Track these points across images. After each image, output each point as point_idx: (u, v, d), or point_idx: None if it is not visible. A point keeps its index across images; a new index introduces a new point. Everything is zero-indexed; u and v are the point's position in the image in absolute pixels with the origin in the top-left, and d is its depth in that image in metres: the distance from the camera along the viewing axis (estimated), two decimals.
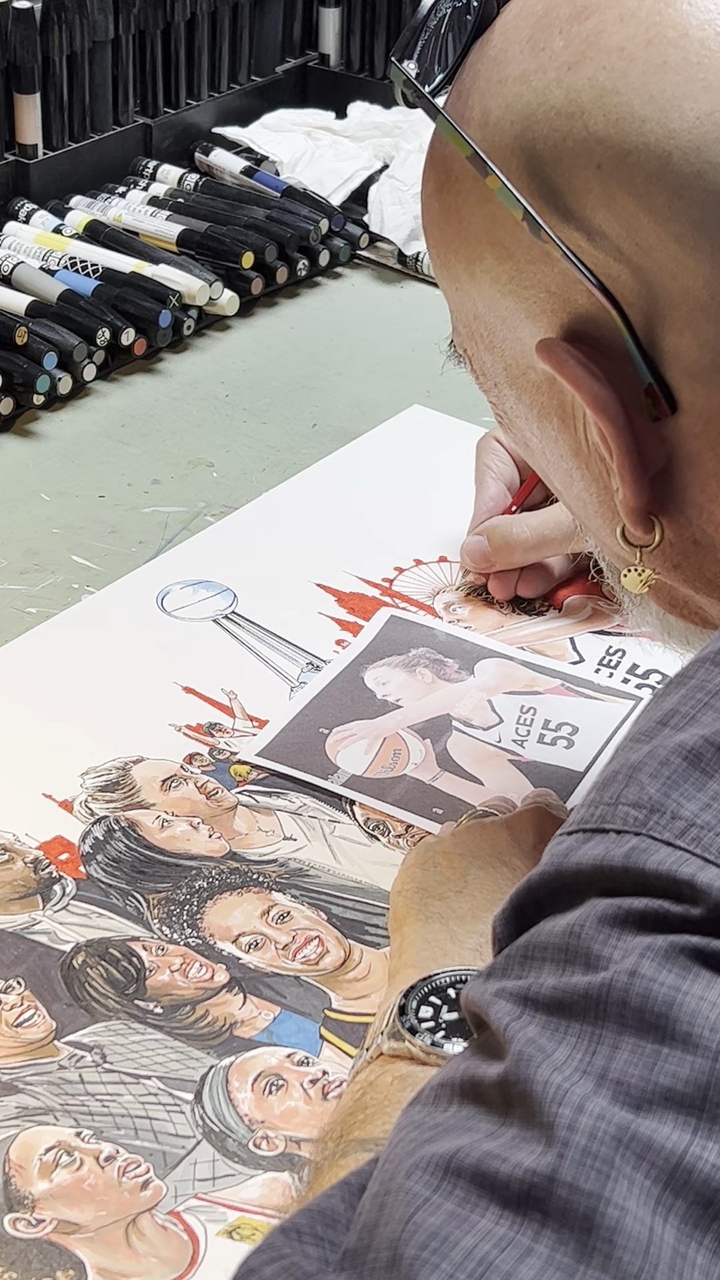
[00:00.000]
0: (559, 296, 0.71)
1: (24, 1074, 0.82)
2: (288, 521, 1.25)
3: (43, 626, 1.13)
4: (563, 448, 0.75)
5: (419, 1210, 0.50)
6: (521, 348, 0.74)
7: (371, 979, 0.88)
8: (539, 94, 0.69)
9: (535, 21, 0.71)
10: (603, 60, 0.68)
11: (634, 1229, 0.48)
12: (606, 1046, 0.51)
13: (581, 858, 0.55)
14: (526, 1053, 0.51)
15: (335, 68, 1.85)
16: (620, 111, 0.67)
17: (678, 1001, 0.51)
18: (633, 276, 0.68)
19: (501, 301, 0.73)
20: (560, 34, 0.69)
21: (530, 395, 0.75)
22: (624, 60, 0.67)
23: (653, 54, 0.67)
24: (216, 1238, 0.75)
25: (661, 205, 0.66)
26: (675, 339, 0.68)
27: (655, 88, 0.66)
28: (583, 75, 0.68)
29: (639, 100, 0.67)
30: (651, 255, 0.67)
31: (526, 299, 0.72)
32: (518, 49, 0.71)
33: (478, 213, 0.73)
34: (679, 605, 0.78)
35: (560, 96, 0.68)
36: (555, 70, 0.69)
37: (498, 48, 0.72)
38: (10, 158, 1.60)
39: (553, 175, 0.69)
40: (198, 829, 0.97)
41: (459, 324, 0.78)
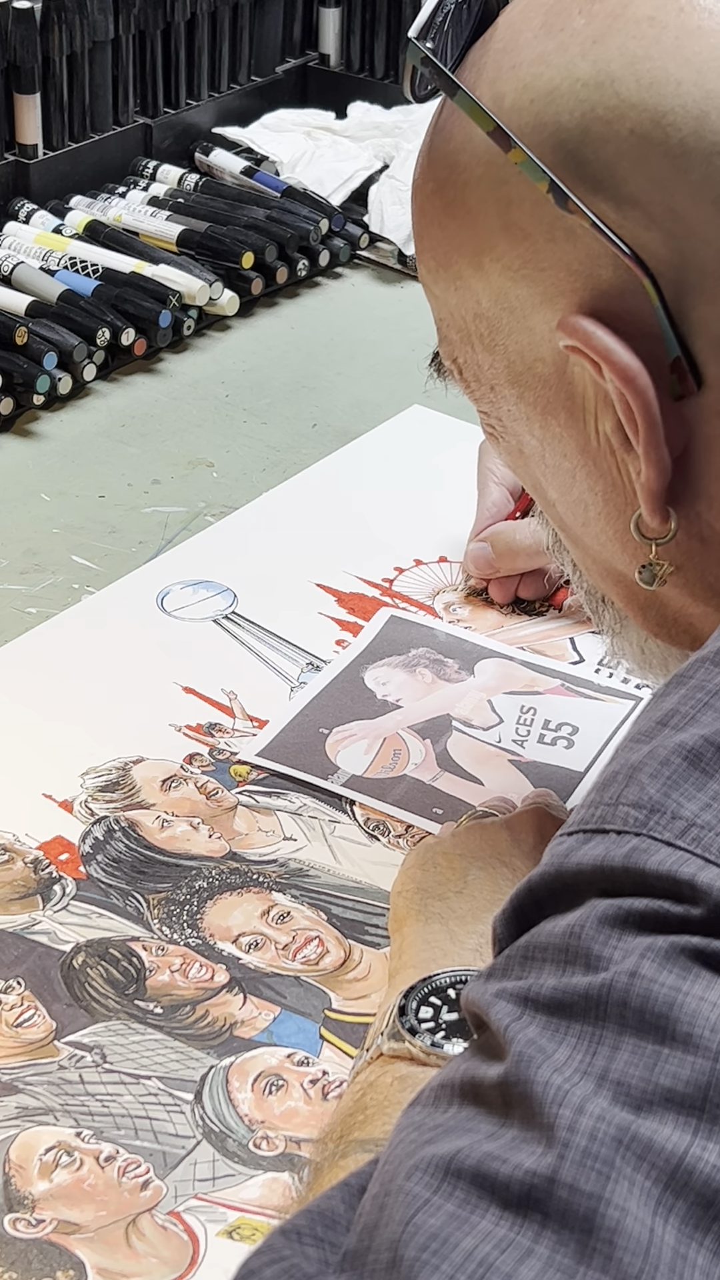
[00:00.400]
0: (580, 274, 0.70)
1: (24, 1074, 0.82)
2: (288, 521, 1.25)
3: (43, 626, 1.13)
4: (567, 445, 0.74)
5: (419, 1211, 0.50)
6: (530, 338, 0.73)
7: (371, 979, 0.88)
8: (561, 70, 0.69)
9: (547, 10, 0.70)
10: (632, 30, 0.67)
11: (634, 1230, 0.48)
12: (607, 1047, 0.51)
13: (582, 858, 0.55)
14: (527, 1053, 0.51)
15: (335, 68, 1.85)
16: (654, 75, 0.66)
17: (678, 1002, 0.51)
18: (664, 244, 0.67)
19: (512, 290, 0.73)
20: (580, 13, 0.69)
21: (535, 391, 0.74)
22: (655, 28, 0.67)
23: (686, 19, 0.67)
24: (216, 1238, 0.75)
25: (699, 166, 0.66)
26: (706, 309, 0.67)
27: (691, 50, 0.66)
28: (611, 46, 0.68)
29: (674, 63, 0.66)
30: (685, 221, 0.66)
31: (543, 281, 0.71)
32: (530, 36, 0.70)
33: (489, 198, 0.72)
34: (667, 624, 0.78)
35: (586, 68, 0.68)
36: (579, 45, 0.68)
37: (504, 40, 0.72)
38: (10, 158, 1.60)
39: (579, 146, 0.68)
40: (198, 829, 0.97)
41: (451, 330, 0.78)
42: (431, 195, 0.75)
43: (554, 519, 0.80)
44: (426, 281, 0.78)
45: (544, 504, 0.80)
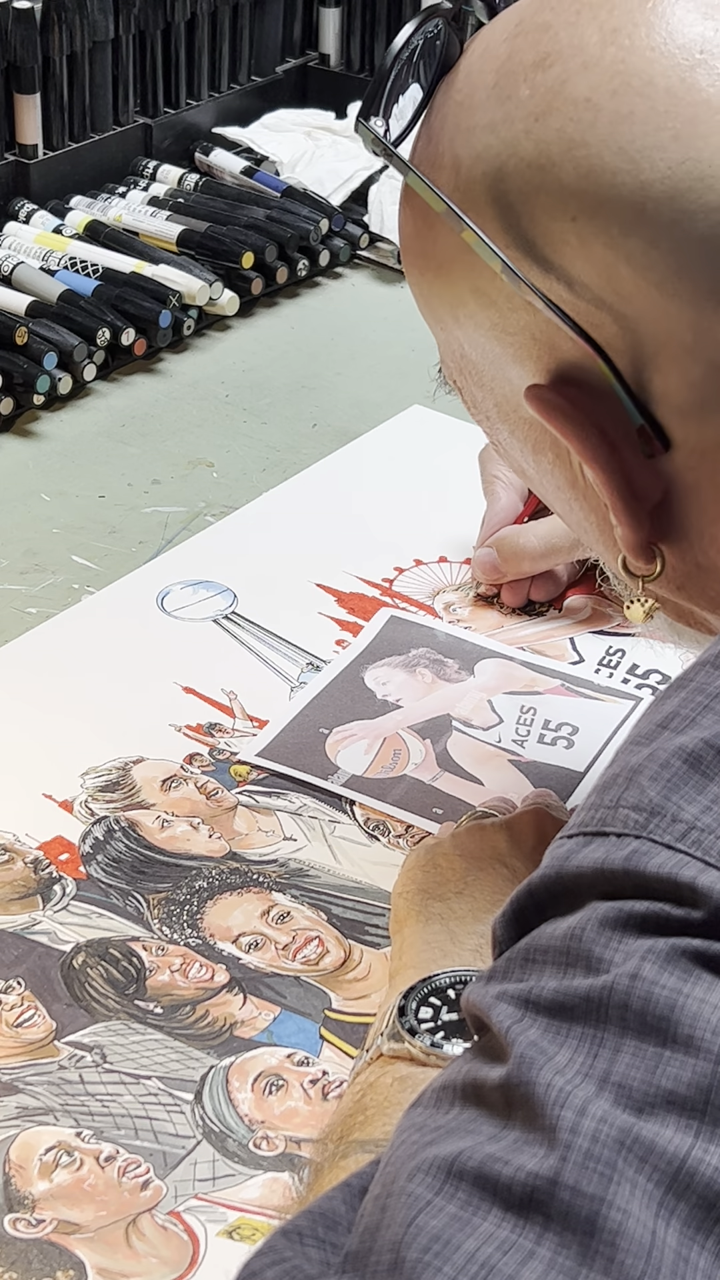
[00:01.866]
0: (543, 342, 0.70)
1: (24, 1074, 0.82)
2: (288, 521, 1.25)
3: (43, 626, 1.13)
4: (559, 479, 0.75)
5: (421, 1213, 0.50)
6: (510, 388, 0.74)
7: (371, 979, 0.88)
8: (508, 145, 0.68)
9: (499, 66, 0.70)
10: (569, 111, 0.67)
11: (636, 1232, 0.48)
12: (608, 1049, 0.51)
13: (582, 861, 0.55)
14: (528, 1055, 0.51)
15: (335, 68, 1.85)
16: (591, 164, 0.66)
17: (679, 1004, 0.51)
18: (615, 323, 0.67)
19: (487, 345, 0.73)
20: (525, 82, 0.68)
21: (523, 430, 0.75)
22: (591, 111, 0.66)
23: (619, 104, 0.66)
24: (216, 1238, 0.75)
25: (639, 255, 0.66)
26: (663, 380, 0.67)
27: (624, 139, 0.66)
28: (551, 126, 0.67)
29: (609, 152, 0.66)
30: (632, 303, 0.66)
31: (512, 344, 0.72)
32: (484, 95, 0.70)
33: (457, 262, 0.72)
34: (685, 616, 0.78)
35: (530, 148, 0.68)
36: (523, 121, 0.68)
37: (464, 92, 0.71)
38: (10, 158, 1.60)
39: (528, 227, 0.68)
40: (198, 829, 0.97)
41: (447, 358, 0.78)
42: (411, 238, 0.76)
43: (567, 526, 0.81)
44: (419, 309, 0.78)
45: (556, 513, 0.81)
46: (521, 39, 0.70)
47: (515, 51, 0.69)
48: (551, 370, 0.70)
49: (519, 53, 0.69)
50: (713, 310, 0.65)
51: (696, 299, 0.65)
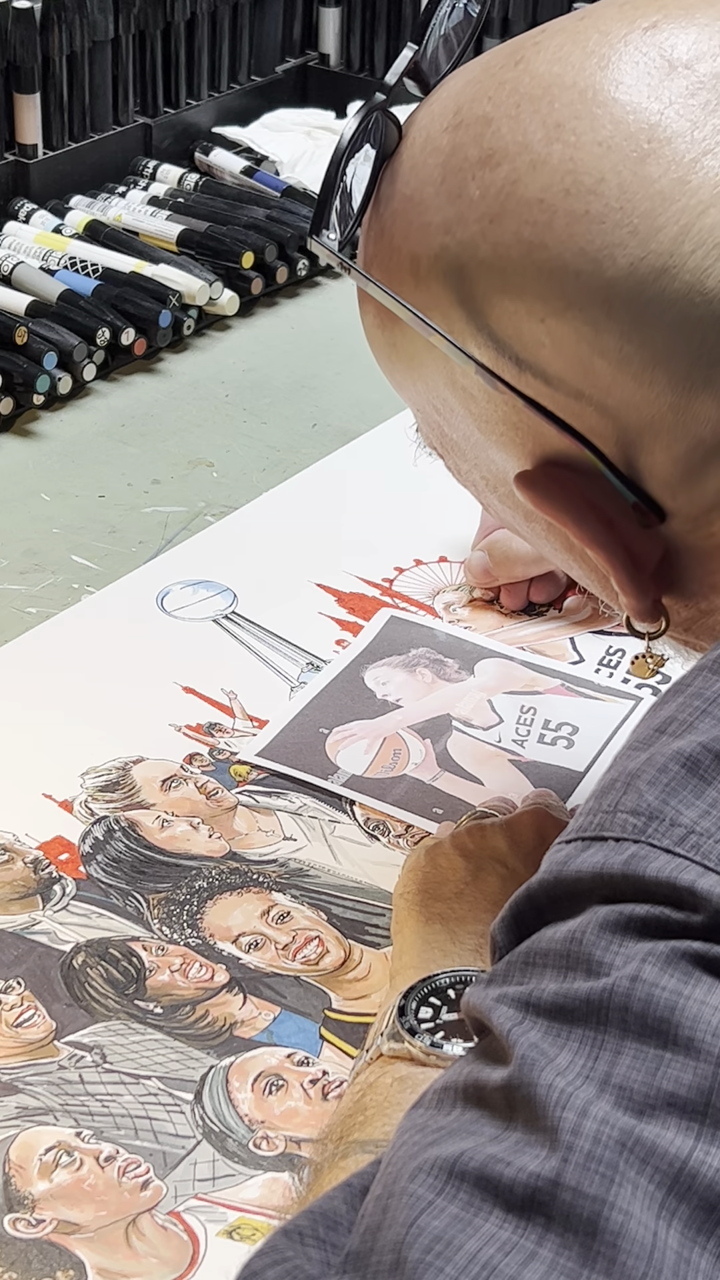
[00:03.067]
0: (527, 431, 0.70)
1: (24, 1074, 0.82)
2: (288, 521, 1.25)
3: (43, 626, 1.13)
4: (554, 544, 0.75)
5: (423, 1213, 0.50)
6: (496, 468, 0.73)
7: (371, 979, 0.88)
8: (466, 247, 0.67)
9: (444, 160, 0.69)
10: (524, 214, 0.66)
11: (638, 1234, 0.48)
12: (609, 1052, 0.51)
13: (581, 865, 0.55)
14: (530, 1057, 0.52)
15: (335, 67, 1.85)
16: (552, 266, 0.65)
17: (679, 1007, 0.51)
18: (598, 413, 0.67)
19: (469, 431, 0.73)
20: (473, 180, 0.67)
21: (513, 501, 0.74)
22: (545, 212, 0.65)
23: (573, 204, 0.65)
24: (216, 1238, 0.75)
25: (612, 349, 0.65)
26: (649, 459, 0.67)
27: (583, 239, 0.65)
28: (506, 229, 0.66)
29: (569, 253, 0.65)
30: (611, 394, 0.66)
31: (494, 433, 0.71)
32: (432, 191, 0.69)
33: (428, 357, 0.71)
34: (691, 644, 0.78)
35: (488, 251, 0.67)
36: (477, 223, 0.67)
37: (411, 186, 0.70)
38: (10, 158, 1.60)
39: (496, 329, 0.67)
40: (198, 829, 0.97)
41: (426, 431, 0.78)
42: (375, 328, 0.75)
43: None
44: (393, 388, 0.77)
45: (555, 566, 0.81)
46: (463, 132, 0.68)
47: (458, 146, 0.68)
48: (537, 455, 0.70)
49: (463, 147, 0.68)
50: (689, 391, 0.65)
51: (673, 383, 0.65)
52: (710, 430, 0.65)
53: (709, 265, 0.63)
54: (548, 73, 0.67)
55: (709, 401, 0.65)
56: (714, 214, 0.63)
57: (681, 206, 0.64)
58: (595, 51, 0.66)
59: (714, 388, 0.64)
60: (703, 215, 0.63)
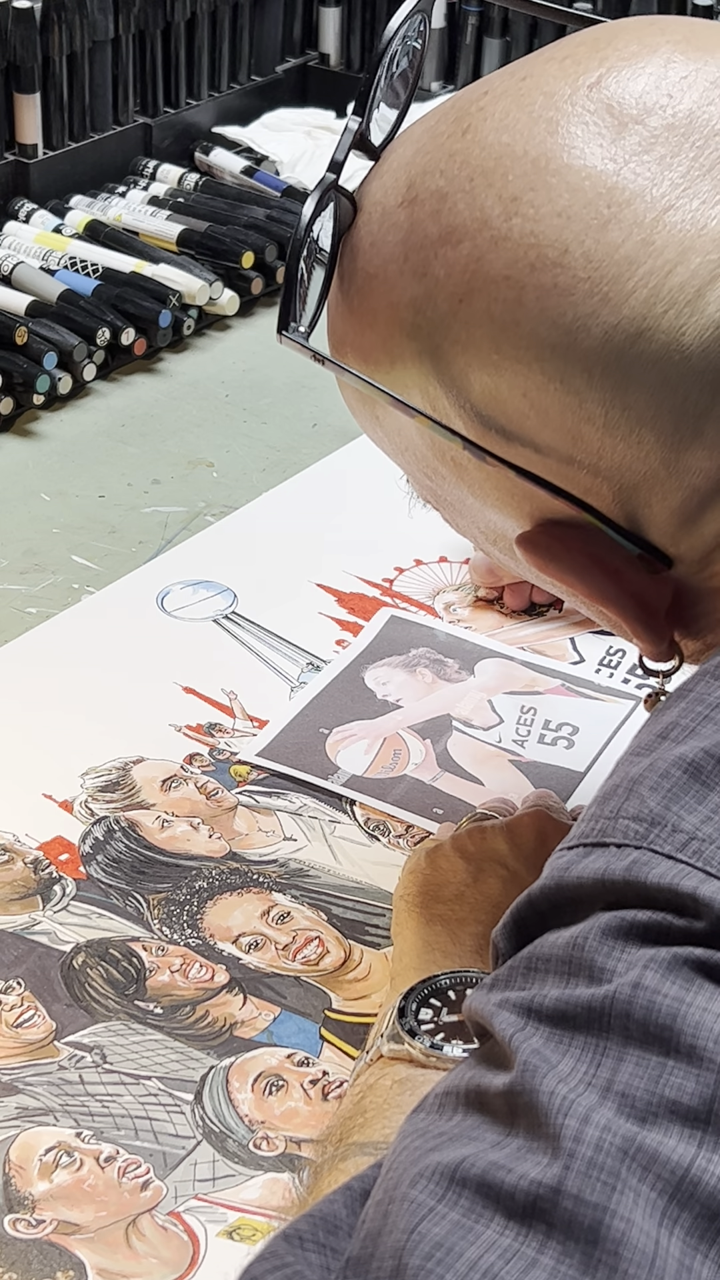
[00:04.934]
0: (522, 495, 0.69)
1: (24, 1074, 0.82)
2: (288, 521, 1.25)
3: (43, 626, 1.13)
4: (565, 590, 0.74)
5: (423, 1219, 0.50)
6: (494, 527, 0.73)
7: (371, 979, 0.88)
8: (439, 328, 0.67)
9: (404, 238, 0.68)
10: (492, 291, 0.65)
11: (639, 1241, 0.48)
12: (611, 1059, 0.51)
13: (582, 871, 0.55)
14: (531, 1063, 0.52)
15: (335, 67, 1.85)
16: (528, 342, 0.65)
17: (681, 1014, 0.51)
18: (591, 475, 0.66)
19: (464, 498, 0.73)
20: (437, 259, 0.67)
21: (516, 555, 0.73)
22: (514, 289, 0.65)
23: (540, 278, 0.64)
24: (216, 1238, 0.75)
25: (598, 416, 0.65)
26: (648, 511, 0.67)
27: (555, 312, 0.64)
28: (477, 308, 0.66)
29: (543, 328, 0.65)
30: (603, 457, 0.66)
31: (490, 499, 0.71)
32: (396, 270, 0.69)
33: (413, 431, 0.71)
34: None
35: (461, 332, 0.66)
36: (446, 302, 0.67)
37: (375, 264, 0.70)
38: (10, 157, 1.60)
39: (481, 406, 0.67)
40: (198, 829, 0.97)
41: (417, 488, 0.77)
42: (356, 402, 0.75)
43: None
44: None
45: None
46: (419, 208, 0.68)
47: (417, 222, 0.68)
48: (536, 516, 0.70)
49: (421, 224, 0.68)
50: (679, 446, 0.65)
51: (662, 441, 0.65)
52: (703, 479, 0.65)
53: (682, 324, 0.63)
54: (496, 142, 0.66)
55: (699, 453, 0.64)
56: (680, 272, 0.63)
57: (649, 269, 0.63)
58: (542, 116, 0.65)
59: (703, 439, 0.64)
60: (670, 275, 0.63)
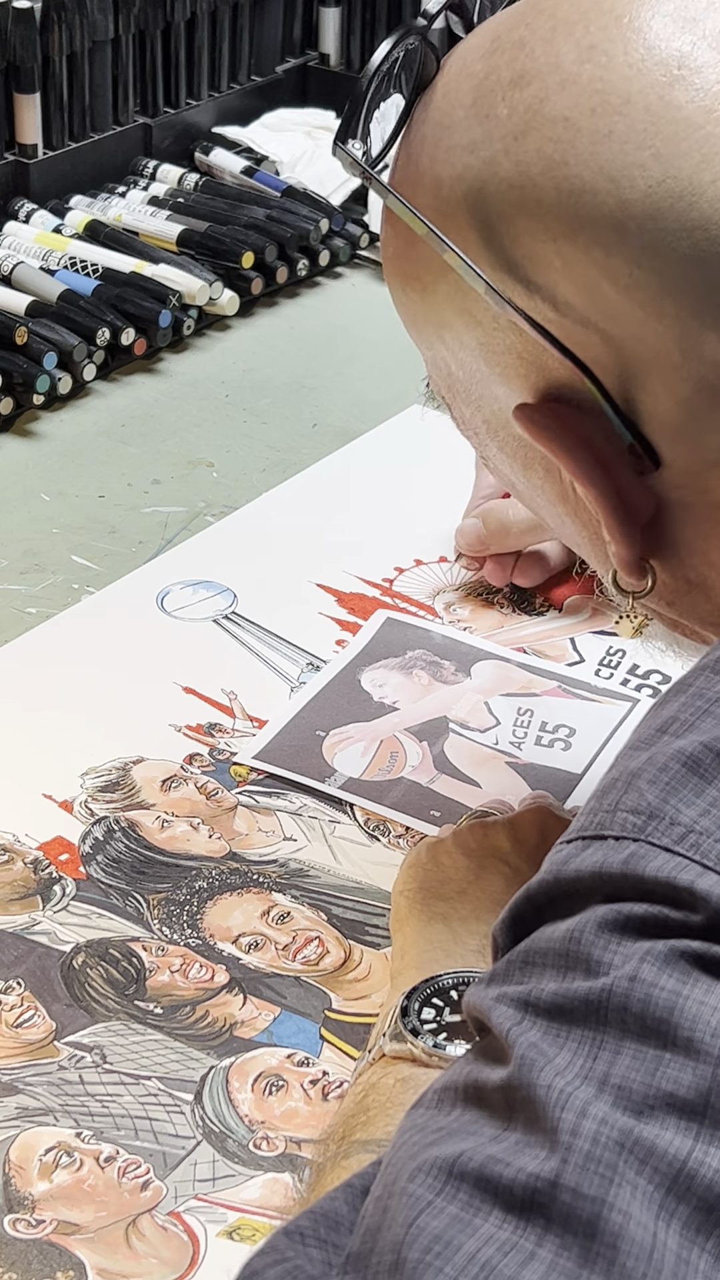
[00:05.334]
0: (531, 362, 0.70)
1: (24, 1074, 0.82)
2: (288, 521, 1.25)
3: (43, 626, 1.13)
4: (549, 495, 0.75)
5: (422, 1214, 0.50)
6: (498, 406, 0.73)
7: (372, 979, 0.88)
8: (488, 165, 0.68)
9: (477, 84, 0.69)
10: (548, 131, 0.66)
11: (637, 1234, 0.48)
12: (608, 1052, 0.51)
13: (580, 864, 0.55)
14: (529, 1057, 0.52)
15: (335, 67, 1.85)
16: (571, 184, 0.66)
17: (678, 1007, 0.51)
18: (602, 343, 0.67)
19: (474, 364, 0.73)
20: (503, 100, 0.68)
21: (512, 447, 0.75)
22: (570, 130, 0.66)
23: (598, 123, 0.65)
24: (217, 1238, 0.75)
25: (622, 274, 0.65)
26: (651, 399, 0.67)
27: (604, 158, 0.65)
28: (529, 146, 0.67)
29: (589, 172, 0.65)
30: (618, 322, 0.66)
31: (498, 364, 0.71)
32: (462, 114, 0.70)
33: (441, 282, 0.72)
34: (681, 628, 0.78)
35: (509, 168, 0.67)
36: (502, 140, 0.68)
37: (442, 110, 0.71)
38: (10, 158, 1.60)
39: (510, 248, 0.68)
40: (198, 829, 0.97)
41: (434, 375, 0.78)
42: (393, 259, 0.75)
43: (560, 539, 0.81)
44: (404, 326, 0.78)
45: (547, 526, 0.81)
46: (498, 56, 0.69)
47: (492, 70, 0.69)
48: (540, 389, 0.70)
49: (496, 70, 0.69)
50: (699, 329, 0.65)
51: (682, 317, 0.65)
52: (715, 374, 0.65)
53: None
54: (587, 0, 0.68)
55: (716, 343, 0.64)
56: None
57: (705, 134, 0.64)
58: None
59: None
60: None
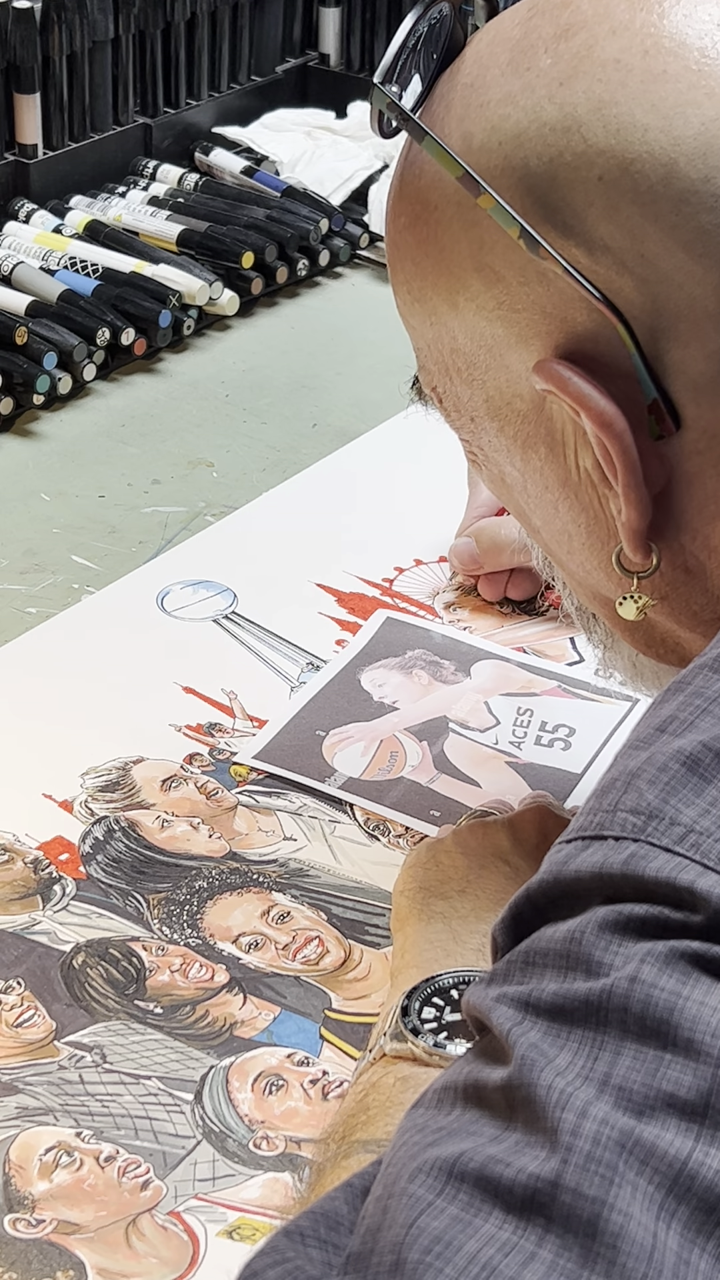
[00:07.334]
0: (555, 317, 0.70)
1: (24, 1074, 0.82)
2: (288, 521, 1.25)
3: (43, 626, 1.13)
4: (548, 478, 0.74)
5: (422, 1214, 0.50)
6: (508, 375, 0.73)
7: (371, 979, 0.88)
8: (529, 112, 0.68)
9: (514, 45, 0.70)
10: (598, 73, 0.67)
11: (637, 1235, 0.48)
12: (608, 1053, 0.51)
13: (580, 865, 0.55)
14: (529, 1057, 0.52)
15: (335, 68, 1.85)
16: (621, 121, 0.66)
17: (679, 1007, 0.51)
18: (637, 289, 0.67)
19: (488, 329, 0.72)
20: (546, 52, 0.68)
21: (514, 426, 0.74)
22: (621, 71, 0.67)
23: (651, 63, 0.66)
24: (216, 1238, 0.75)
25: (668, 213, 0.66)
26: (681, 352, 0.67)
27: (656, 95, 0.66)
28: (577, 89, 0.67)
29: (640, 109, 0.66)
30: (657, 265, 0.66)
31: (518, 323, 0.71)
32: (497, 73, 0.70)
33: (462, 240, 0.72)
34: (655, 644, 0.78)
35: (554, 112, 0.68)
36: (546, 87, 0.68)
37: (472, 74, 0.71)
38: (10, 158, 1.60)
39: (548, 192, 0.68)
40: (198, 829, 0.97)
41: (430, 362, 0.77)
42: (404, 230, 0.75)
43: (540, 544, 0.80)
44: (403, 313, 0.77)
45: (529, 530, 0.80)
46: (539, 18, 0.70)
47: (533, 29, 0.69)
48: (560, 346, 0.70)
49: (537, 29, 0.69)
50: None
51: None
52: None
53: None
54: None
55: None
56: None
57: None
58: None
59: None
60: None
